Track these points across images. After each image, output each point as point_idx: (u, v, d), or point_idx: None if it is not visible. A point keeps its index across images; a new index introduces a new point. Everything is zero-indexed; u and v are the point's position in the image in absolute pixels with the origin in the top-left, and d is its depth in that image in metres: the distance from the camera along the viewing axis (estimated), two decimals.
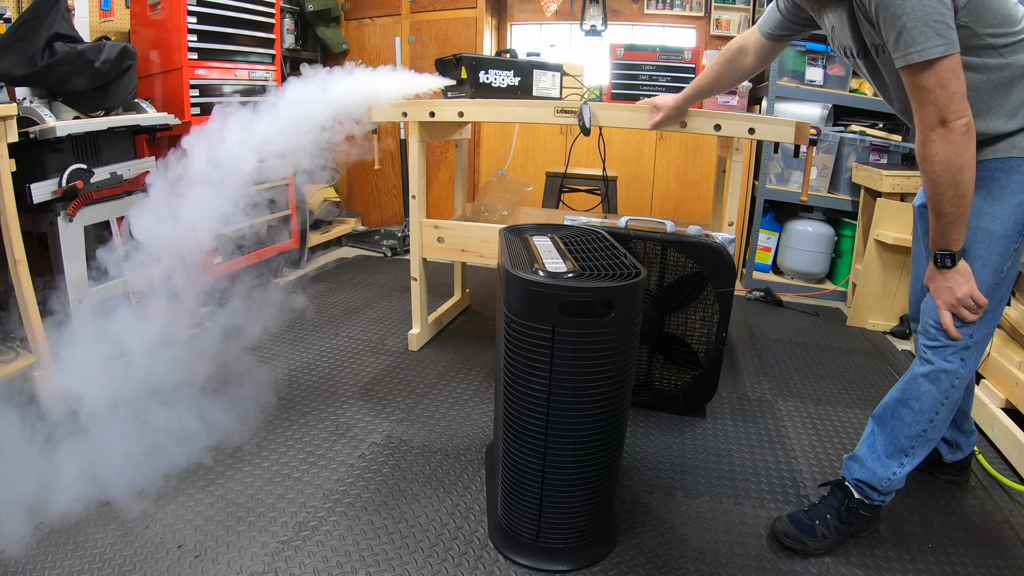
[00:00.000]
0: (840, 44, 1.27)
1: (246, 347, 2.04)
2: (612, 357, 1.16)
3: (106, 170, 2.02)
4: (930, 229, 1.17)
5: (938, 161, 1.07)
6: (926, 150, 1.08)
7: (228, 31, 2.76)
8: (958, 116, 1.04)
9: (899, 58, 1.05)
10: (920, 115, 1.08)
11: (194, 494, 1.46)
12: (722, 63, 1.62)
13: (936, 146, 1.06)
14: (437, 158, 4.02)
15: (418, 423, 1.85)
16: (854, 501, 1.35)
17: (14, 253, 1.73)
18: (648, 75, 2.18)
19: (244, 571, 1.24)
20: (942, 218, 1.12)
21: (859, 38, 1.19)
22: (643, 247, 1.84)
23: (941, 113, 1.04)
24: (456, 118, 2.08)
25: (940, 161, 1.07)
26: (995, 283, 1.19)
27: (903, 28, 1.02)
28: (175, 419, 1.64)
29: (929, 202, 1.13)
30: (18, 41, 1.88)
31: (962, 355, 1.22)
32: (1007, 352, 1.95)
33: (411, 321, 2.43)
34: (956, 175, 1.07)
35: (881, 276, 2.76)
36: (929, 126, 1.07)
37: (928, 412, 1.26)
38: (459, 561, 1.29)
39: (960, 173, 1.07)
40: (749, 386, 2.19)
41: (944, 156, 1.06)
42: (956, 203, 1.10)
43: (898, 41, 1.04)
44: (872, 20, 1.09)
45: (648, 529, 1.42)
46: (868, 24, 1.12)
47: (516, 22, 4.10)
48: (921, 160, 1.11)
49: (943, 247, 1.16)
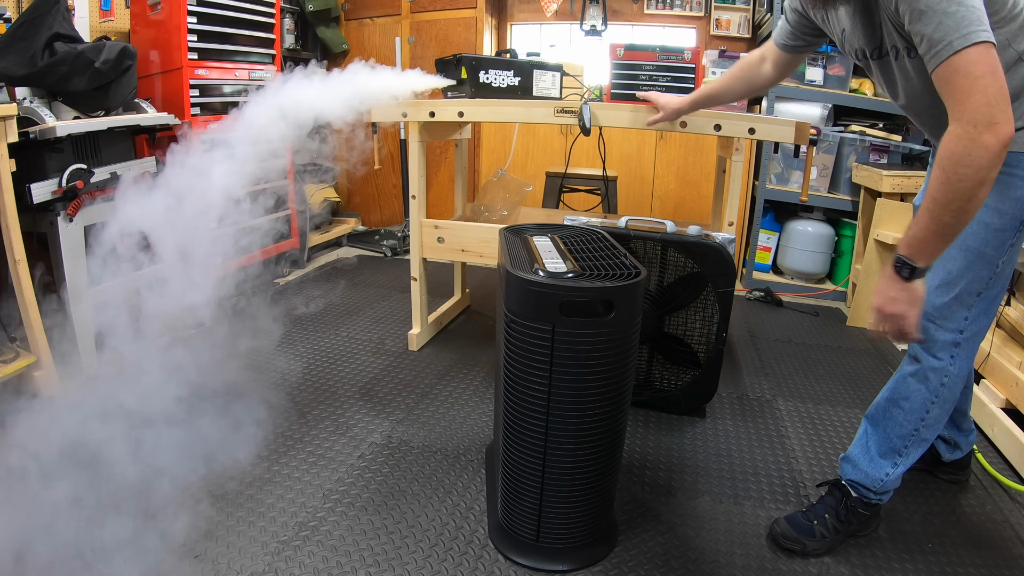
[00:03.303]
0: (852, 47, 1.21)
1: (246, 347, 2.04)
2: (612, 357, 1.16)
3: (106, 170, 2.02)
4: (908, 231, 1.04)
5: (972, 166, 0.92)
6: (959, 148, 0.93)
7: (228, 31, 2.77)
8: (1008, 122, 0.91)
9: (942, 49, 0.93)
10: (963, 108, 0.93)
11: (194, 494, 1.46)
12: (740, 69, 1.58)
13: (976, 148, 0.91)
14: (437, 158, 4.02)
15: (418, 423, 1.85)
16: (852, 500, 1.35)
17: (14, 253, 1.73)
18: (648, 75, 2.18)
19: (244, 571, 1.24)
20: (933, 225, 0.99)
21: (874, 39, 1.14)
22: (643, 247, 1.84)
23: (991, 110, 0.90)
24: (456, 118, 2.08)
25: (974, 167, 0.92)
26: (989, 278, 1.17)
27: (944, 14, 0.91)
28: (175, 419, 1.63)
29: (930, 203, 0.99)
30: (18, 41, 1.88)
31: (951, 352, 1.20)
32: (1007, 352, 1.95)
33: (411, 321, 2.43)
34: (978, 188, 0.94)
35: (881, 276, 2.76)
36: (974, 121, 0.91)
37: (918, 411, 1.25)
38: (459, 561, 1.29)
39: (982, 187, 0.94)
40: (749, 386, 2.19)
41: (978, 163, 0.92)
42: (959, 217, 0.97)
43: (936, 31, 0.93)
44: (896, 20, 1.02)
45: (648, 529, 1.42)
46: (891, 25, 1.05)
47: (516, 22, 4.10)
48: (946, 157, 0.95)
49: (911, 256, 1.03)
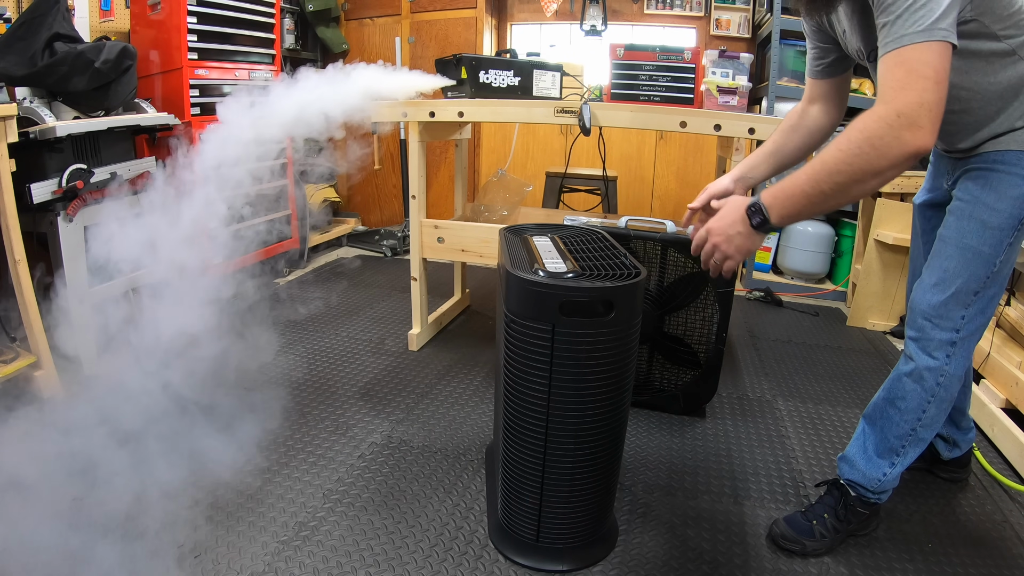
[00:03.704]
0: (852, 47, 1.21)
1: (245, 347, 2.04)
2: (612, 357, 1.16)
3: (106, 170, 2.02)
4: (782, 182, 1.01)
5: (879, 149, 0.90)
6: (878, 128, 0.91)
7: (228, 31, 2.77)
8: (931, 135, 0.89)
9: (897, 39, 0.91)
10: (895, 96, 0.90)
11: (193, 494, 1.46)
12: (785, 121, 1.40)
13: (893, 138, 0.90)
14: (437, 158, 4.02)
15: (418, 423, 1.85)
16: (850, 500, 1.34)
17: (14, 253, 1.73)
18: (648, 75, 2.18)
19: (244, 571, 1.24)
20: (808, 187, 0.97)
21: (870, 40, 1.13)
22: (643, 247, 1.84)
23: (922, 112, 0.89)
24: (456, 118, 2.08)
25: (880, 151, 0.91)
26: (987, 276, 1.16)
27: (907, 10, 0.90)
28: (174, 420, 1.63)
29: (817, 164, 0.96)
30: (18, 41, 1.88)
31: (947, 350, 1.19)
32: (1007, 352, 1.95)
33: (411, 321, 2.43)
34: (871, 177, 0.92)
35: (881, 276, 2.76)
36: (900, 113, 0.89)
37: (915, 411, 1.24)
38: (459, 561, 1.29)
39: (875, 179, 0.93)
40: (749, 386, 2.19)
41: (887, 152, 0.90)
42: (837, 193, 0.95)
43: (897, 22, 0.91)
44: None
45: (648, 529, 1.42)
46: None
47: (516, 22, 4.10)
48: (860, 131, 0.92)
49: (770, 207, 1.02)
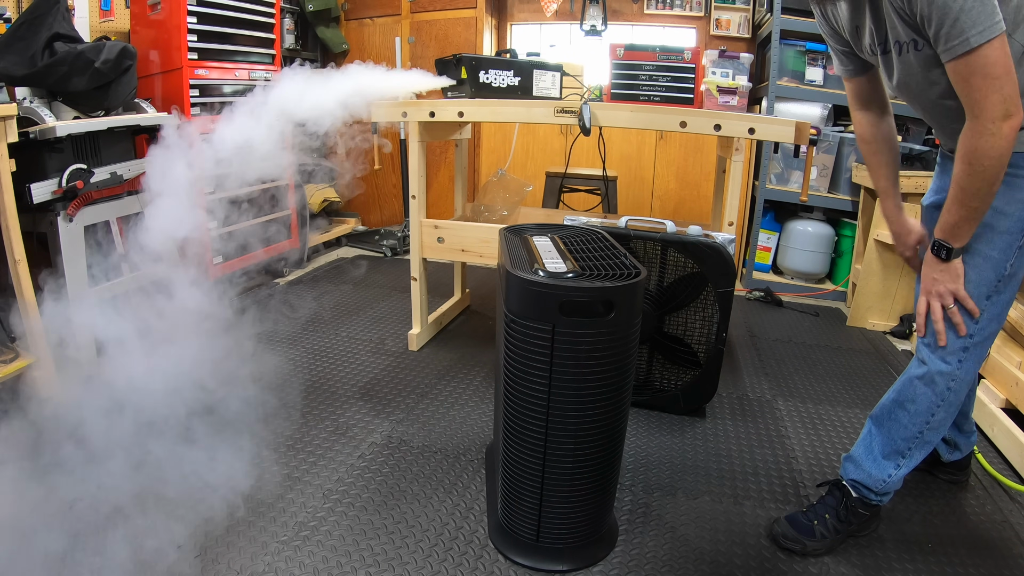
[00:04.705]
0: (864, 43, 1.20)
1: (245, 347, 2.04)
2: (612, 357, 1.16)
3: (106, 170, 2.02)
4: (942, 218, 1.14)
5: (994, 156, 1.02)
6: (981, 142, 1.02)
7: (228, 31, 2.76)
8: (1020, 109, 0.99)
9: (958, 44, 0.97)
10: (981, 106, 1.00)
11: (193, 494, 1.45)
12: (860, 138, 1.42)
13: (997, 140, 1.00)
14: (437, 158, 4.02)
15: (418, 423, 1.85)
16: (852, 500, 1.34)
17: (14, 253, 1.73)
18: (648, 75, 2.18)
19: (244, 571, 1.24)
20: (963, 211, 1.09)
21: (880, 34, 1.14)
22: (643, 247, 1.84)
23: (1007, 106, 0.98)
24: (456, 118, 2.08)
25: (996, 157, 1.02)
26: (997, 280, 1.15)
27: (960, 10, 0.94)
28: (174, 420, 1.63)
29: (958, 192, 1.09)
30: (18, 41, 1.88)
31: (960, 356, 1.20)
32: (1007, 352, 1.95)
33: (411, 321, 2.43)
34: (1000, 172, 1.04)
35: (881, 276, 2.76)
36: (992, 118, 1.00)
37: (924, 415, 1.24)
38: (459, 561, 1.29)
39: (1003, 170, 1.04)
40: (749, 386, 2.19)
41: (999, 152, 1.01)
42: (986, 200, 1.07)
43: (955, 25, 0.96)
44: (905, 14, 1.03)
45: (648, 529, 1.42)
46: (897, 18, 1.06)
47: (516, 22, 4.10)
48: (969, 152, 1.04)
49: (947, 239, 1.14)
